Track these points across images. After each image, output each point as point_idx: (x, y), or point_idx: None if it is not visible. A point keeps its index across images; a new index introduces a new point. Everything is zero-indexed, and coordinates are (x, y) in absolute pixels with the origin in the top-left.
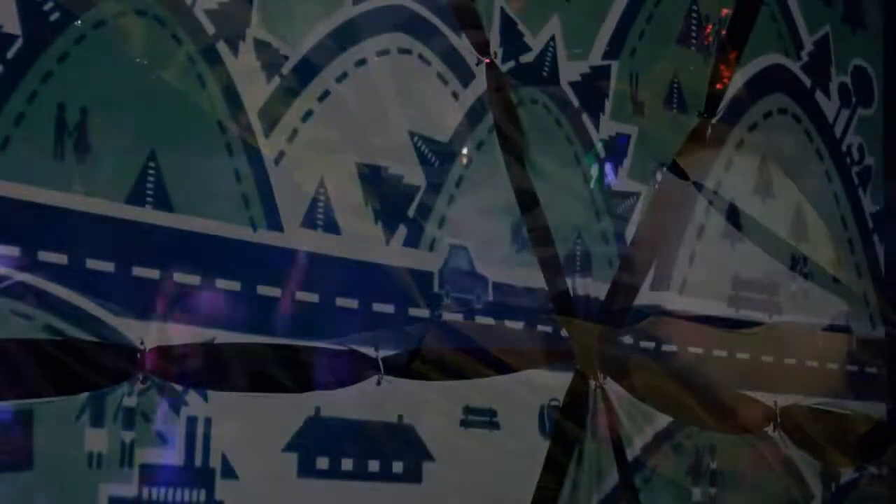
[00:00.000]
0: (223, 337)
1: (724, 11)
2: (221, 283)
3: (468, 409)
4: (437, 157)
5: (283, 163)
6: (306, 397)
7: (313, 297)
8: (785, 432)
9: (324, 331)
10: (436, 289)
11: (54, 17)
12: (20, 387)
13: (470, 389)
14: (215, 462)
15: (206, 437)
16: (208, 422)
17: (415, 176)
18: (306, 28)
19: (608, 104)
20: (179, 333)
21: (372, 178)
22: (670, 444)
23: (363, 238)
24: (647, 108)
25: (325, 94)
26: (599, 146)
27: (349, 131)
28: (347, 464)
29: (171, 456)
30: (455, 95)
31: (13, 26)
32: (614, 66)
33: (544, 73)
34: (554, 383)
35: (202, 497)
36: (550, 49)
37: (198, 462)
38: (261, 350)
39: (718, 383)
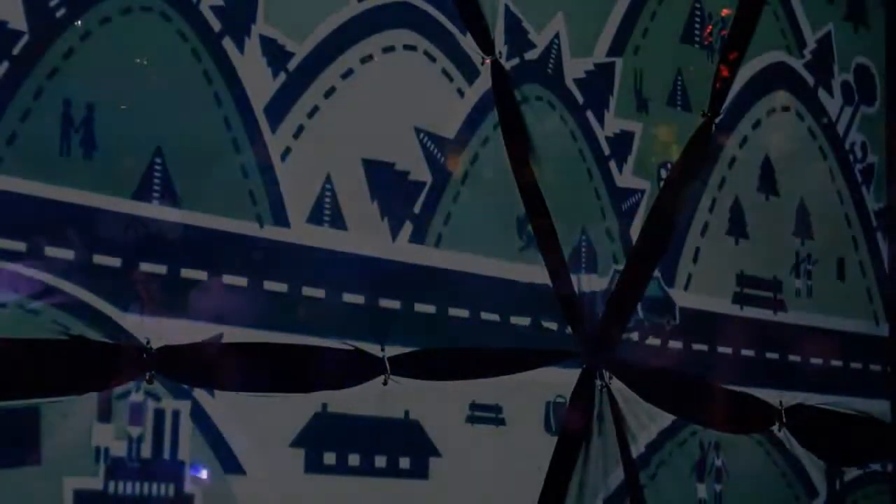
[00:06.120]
0: (230, 334)
1: (725, 11)
2: (228, 279)
3: (474, 406)
4: (443, 153)
5: (290, 159)
6: (313, 394)
7: (319, 293)
8: (790, 431)
9: (330, 327)
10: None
11: (60, 13)
12: (27, 385)
13: (476, 386)
14: (222, 458)
15: (215, 433)
16: (215, 418)
17: (421, 172)
18: (312, 24)
19: (612, 101)
20: (186, 330)
21: (378, 173)
22: (675, 441)
23: (369, 234)
24: (651, 106)
25: (331, 90)
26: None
27: (355, 127)
28: (354, 460)
29: (178, 452)
30: (460, 92)
31: (19, 22)
32: (618, 63)
33: (549, 71)
34: (559, 380)
35: (210, 493)
36: (555, 46)
37: (204, 458)
38: (267, 349)
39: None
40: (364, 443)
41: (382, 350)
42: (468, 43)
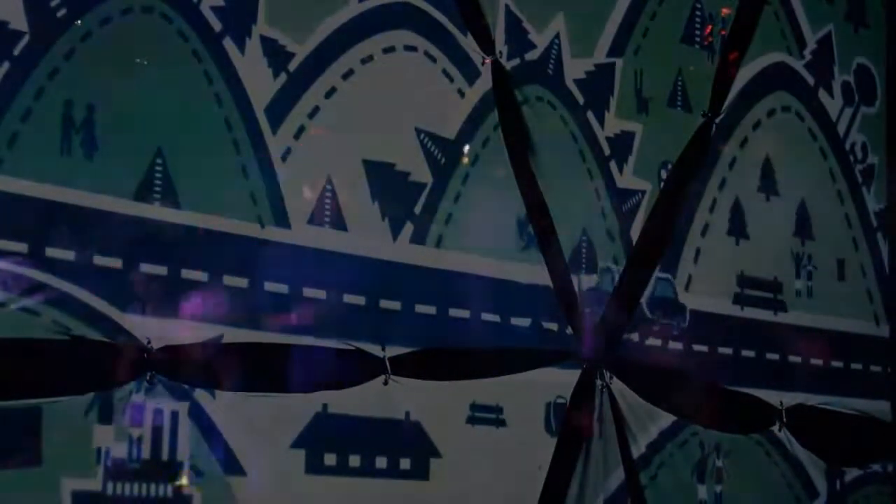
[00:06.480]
0: (231, 334)
1: (725, 11)
2: (229, 280)
3: (475, 406)
4: (444, 154)
5: (290, 159)
6: (313, 395)
7: (320, 294)
8: (790, 432)
9: (331, 328)
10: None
11: (61, 13)
12: (29, 385)
13: (476, 386)
14: (222, 459)
15: (215, 434)
16: (215, 419)
17: (421, 173)
18: (313, 25)
19: (613, 102)
20: (187, 331)
21: (379, 174)
22: (676, 442)
23: (370, 235)
24: (651, 106)
25: (332, 90)
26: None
27: (356, 128)
28: (355, 460)
29: (178, 453)
30: (461, 93)
31: (20, 23)
32: (619, 63)
33: (549, 71)
34: (560, 381)
35: (214, 492)
36: (555, 47)
37: (205, 458)
38: (268, 349)
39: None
40: (364, 443)
41: (383, 350)
42: (469, 43)
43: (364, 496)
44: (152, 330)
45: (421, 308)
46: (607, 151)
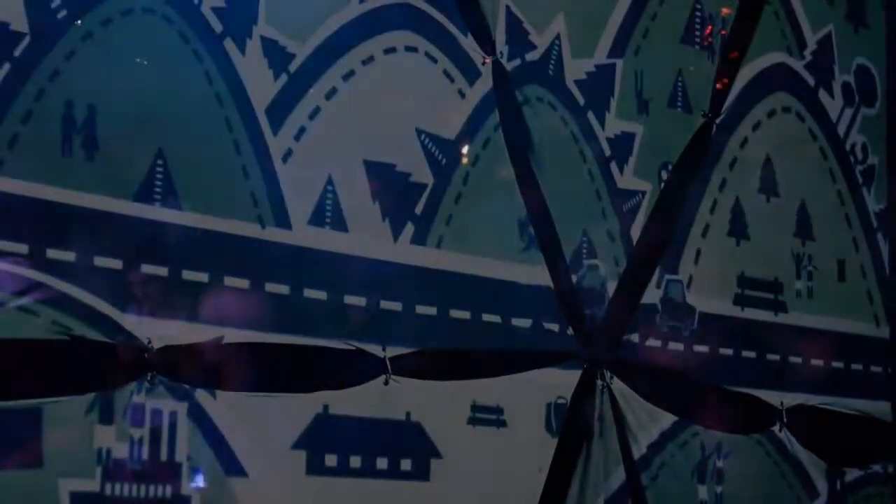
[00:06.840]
0: (232, 335)
1: (725, 11)
2: (230, 281)
3: (475, 407)
4: (444, 154)
5: (291, 160)
6: (314, 395)
7: (321, 295)
8: (791, 432)
9: (332, 328)
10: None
11: (61, 14)
12: (29, 385)
13: (477, 387)
14: (224, 460)
15: (216, 435)
16: (216, 420)
17: (422, 173)
18: (313, 26)
19: (613, 102)
20: (188, 332)
21: (379, 175)
22: (676, 443)
23: (371, 235)
24: (651, 107)
25: (333, 91)
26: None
27: (356, 129)
28: (356, 461)
29: (178, 454)
30: (461, 93)
31: (20, 24)
32: (619, 64)
33: (550, 72)
34: (560, 381)
35: (214, 492)
36: (556, 47)
37: (206, 459)
38: (269, 349)
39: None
40: (365, 444)
41: (383, 350)
42: (469, 44)
43: (365, 497)
44: (152, 330)
45: (421, 308)
46: (608, 152)
